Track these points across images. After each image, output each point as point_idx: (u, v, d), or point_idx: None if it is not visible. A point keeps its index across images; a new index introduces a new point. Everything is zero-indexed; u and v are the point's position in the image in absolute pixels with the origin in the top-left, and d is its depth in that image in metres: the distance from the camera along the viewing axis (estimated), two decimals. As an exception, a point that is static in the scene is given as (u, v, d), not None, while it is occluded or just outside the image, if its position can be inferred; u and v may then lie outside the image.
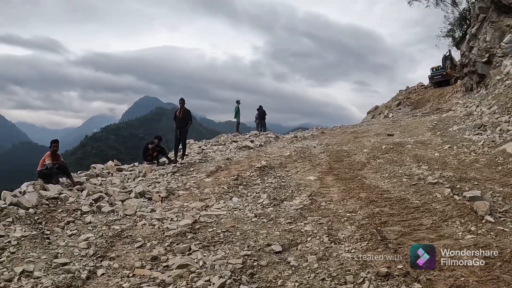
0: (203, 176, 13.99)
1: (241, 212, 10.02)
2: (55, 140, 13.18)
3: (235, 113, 30.46)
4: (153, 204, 10.87)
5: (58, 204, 10.18)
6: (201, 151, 19.81)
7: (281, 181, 12.93)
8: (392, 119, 32.35)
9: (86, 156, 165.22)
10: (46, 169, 12.57)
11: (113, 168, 15.80)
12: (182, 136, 17.06)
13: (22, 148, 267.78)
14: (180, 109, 16.96)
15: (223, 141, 23.69)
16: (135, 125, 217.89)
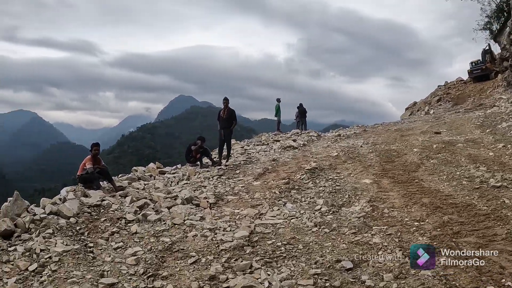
0: (250, 179, 13.22)
1: (298, 220, 9.16)
2: (96, 144, 12.55)
3: (276, 111, 29.65)
4: (202, 211, 10.11)
5: (100, 212, 9.51)
6: (244, 152, 19.06)
7: (335, 185, 12.05)
8: (434, 116, 31.15)
9: (122, 155, 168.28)
10: (86, 173, 11.95)
11: (155, 170, 15.13)
12: (227, 137, 16.33)
13: (60, 148, 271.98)
14: (224, 109, 16.20)
15: (265, 140, 22.91)
16: (170, 124, 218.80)
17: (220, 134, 16.28)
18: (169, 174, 14.93)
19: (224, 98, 16.20)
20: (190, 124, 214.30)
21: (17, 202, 9.29)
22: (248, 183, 12.85)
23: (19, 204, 9.26)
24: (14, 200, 9.29)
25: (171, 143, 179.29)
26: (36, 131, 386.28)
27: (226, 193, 11.77)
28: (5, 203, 9.45)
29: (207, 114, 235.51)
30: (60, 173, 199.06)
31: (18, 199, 9.32)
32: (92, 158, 12.22)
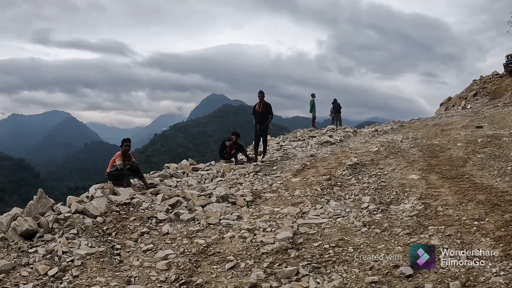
0: (289, 176, 12.42)
1: (345, 219, 8.30)
2: (127, 139, 11.91)
3: (311, 107, 28.91)
4: (238, 209, 9.31)
5: (130, 211, 8.83)
6: (280, 148, 18.28)
7: (380, 181, 11.19)
8: (471, 110, 29.95)
9: (155, 154, 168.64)
10: (116, 170, 11.32)
11: (188, 167, 14.48)
12: (263, 132, 15.44)
13: (93, 147, 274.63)
14: (260, 103, 15.34)
15: (301, 136, 22.14)
16: (203, 122, 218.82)
17: (256, 129, 15.43)
18: (203, 171, 14.27)
19: (259, 91, 15.39)
20: (222, 122, 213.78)
21: (41, 200, 8.69)
22: (286, 179, 12.06)
23: (43, 202, 8.66)
24: (38, 198, 8.70)
25: (203, 142, 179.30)
26: (69, 131, 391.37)
27: (264, 190, 10.98)
28: (30, 202, 8.89)
29: (239, 112, 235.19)
30: (94, 172, 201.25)
31: (43, 197, 8.72)
32: (122, 154, 11.61)
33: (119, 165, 11.32)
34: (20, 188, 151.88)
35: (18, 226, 7.60)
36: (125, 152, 11.68)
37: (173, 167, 14.47)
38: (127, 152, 11.76)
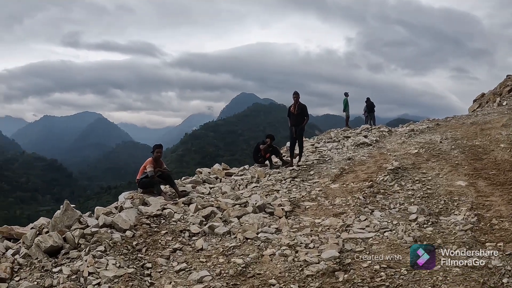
0: (327, 181, 11.77)
1: (393, 234, 7.60)
2: (159, 145, 11.39)
3: (344, 106, 28.34)
4: (277, 221, 8.69)
5: (161, 224, 8.30)
6: (315, 150, 17.62)
7: (426, 188, 10.50)
8: (508, 107, 28.84)
9: (186, 153, 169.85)
10: (146, 177, 10.81)
11: (221, 172, 13.91)
12: (299, 134, 14.73)
13: (125, 147, 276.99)
14: (295, 104, 14.64)
15: (335, 137, 21.45)
16: (233, 121, 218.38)
17: (291, 131, 14.72)
18: (237, 176, 13.69)
19: (294, 92, 14.69)
20: (252, 121, 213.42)
21: (68, 213, 8.21)
22: (325, 186, 11.43)
23: (69, 215, 8.19)
24: (64, 210, 8.22)
25: (234, 141, 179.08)
26: (101, 132, 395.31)
27: (303, 198, 10.34)
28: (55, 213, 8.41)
29: (269, 111, 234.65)
30: (125, 172, 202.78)
31: (69, 209, 8.23)
32: (153, 161, 11.10)
33: (149, 172, 10.83)
34: (53, 187, 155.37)
35: (42, 243, 7.14)
36: (156, 159, 11.19)
37: (206, 172, 13.93)
38: (158, 159, 11.26)
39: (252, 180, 12.73)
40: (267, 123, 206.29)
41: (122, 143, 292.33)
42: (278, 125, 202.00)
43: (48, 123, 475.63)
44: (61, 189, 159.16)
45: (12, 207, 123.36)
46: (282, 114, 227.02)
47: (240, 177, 13.30)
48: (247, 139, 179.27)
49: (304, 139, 19.82)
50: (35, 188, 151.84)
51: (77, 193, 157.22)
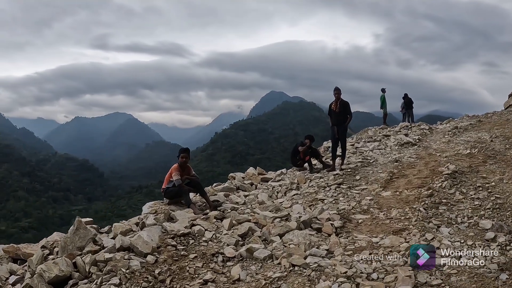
0: (377, 188, 10.41)
1: (472, 259, 6.17)
2: (184, 149, 10.13)
3: (381, 103, 26.80)
4: (326, 240, 7.36)
5: (189, 245, 7.03)
6: (356, 151, 16.23)
7: (494, 197, 9.08)
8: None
9: (216, 152, 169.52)
10: (173, 186, 9.57)
11: (256, 177, 12.62)
12: (341, 135, 13.33)
13: (155, 147, 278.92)
14: (336, 102, 13.25)
15: (374, 135, 20.04)
16: (263, 120, 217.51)
17: (333, 131, 13.31)
18: (274, 181, 12.39)
19: (335, 88, 13.29)
20: (282, 119, 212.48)
21: (80, 232, 7.00)
22: (376, 193, 10.08)
23: (82, 234, 6.98)
24: (75, 229, 6.98)
25: (264, 139, 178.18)
26: (131, 132, 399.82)
27: (353, 210, 8.99)
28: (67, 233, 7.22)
29: (299, 109, 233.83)
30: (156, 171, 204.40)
31: (81, 228, 7.01)
32: (179, 167, 9.84)
33: (176, 180, 9.62)
34: (84, 187, 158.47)
35: (46, 272, 5.93)
36: (182, 165, 9.95)
37: (239, 177, 12.68)
38: (185, 164, 10.03)
39: (291, 187, 11.44)
40: (297, 121, 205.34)
41: (153, 143, 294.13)
42: (308, 123, 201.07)
43: (79, 124, 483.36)
44: (93, 189, 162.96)
45: (45, 206, 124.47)
46: (312, 112, 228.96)
47: (278, 183, 12.01)
48: (277, 137, 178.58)
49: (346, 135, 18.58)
50: (67, 188, 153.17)
51: (108, 192, 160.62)
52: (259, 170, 13.35)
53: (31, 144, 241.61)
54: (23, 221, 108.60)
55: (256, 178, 12.58)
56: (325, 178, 11.86)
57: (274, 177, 12.79)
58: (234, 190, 11.42)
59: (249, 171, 13.16)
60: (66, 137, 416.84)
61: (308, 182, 11.73)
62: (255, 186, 12.10)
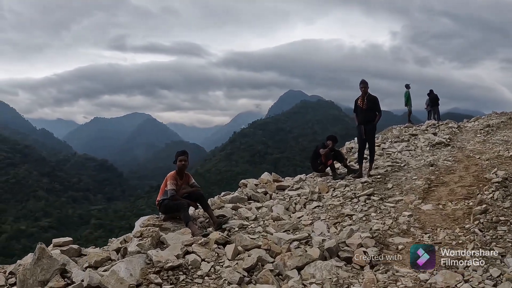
0: (415, 200, 8.74)
1: None
2: (182, 152, 8.42)
3: (406, 100, 25.08)
4: (359, 275, 5.69)
5: (179, 282, 5.39)
6: (383, 152, 14.60)
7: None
8: None
9: (235, 152, 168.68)
10: (169, 198, 7.94)
11: (271, 185, 10.96)
12: (369, 135, 11.47)
13: (174, 147, 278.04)
14: (363, 97, 11.44)
15: (400, 135, 18.38)
16: (281, 119, 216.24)
17: (360, 131, 11.42)
18: (291, 190, 10.65)
19: (361, 81, 11.49)
20: (301, 118, 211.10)
21: (42, 262, 5.45)
22: (414, 207, 8.40)
23: (45, 265, 5.43)
24: (36, 258, 5.42)
25: (282, 138, 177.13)
26: (150, 132, 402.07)
27: (390, 230, 7.26)
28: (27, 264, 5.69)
29: (317, 108, 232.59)
30: None
31: (44, 257, 5.44)
32: (176, 175, 8.21)
33: (170, 191, 7.98)
34: (104, 187, 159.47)
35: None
36: (180, 171, 8.28)
37: (251, 184, 11.02)
38: (183, 171, 8.34)
39: (312, 197, 9.72)
40: (315, 120, 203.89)
41: (172, 143, 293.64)
42: (326, 122, 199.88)
43: (98, 124, 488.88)
44: (112, 189, 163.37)
45: (64, 206, 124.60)
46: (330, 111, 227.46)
47: (296, 192, 10.29)
48: (296, 136, 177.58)
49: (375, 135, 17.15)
50: (87, 188, 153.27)
51: (127, 192, 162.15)
52: (274, 176, 11.65)
53: (51, 144, 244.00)
54: (43, 220, 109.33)
55: (271, 186, 10.90)
56: (351, 186, 10.12)
57: (291, 185, 11.03)
58: (245, 201, 9.76)
59: (263, 177, 11.51)
60: (86, 138, 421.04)
61: (331, 191, 10.03)
62: (269, 195, 10.42)
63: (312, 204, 9.33)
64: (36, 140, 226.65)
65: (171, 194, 7.93)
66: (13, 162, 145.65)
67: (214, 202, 9.29)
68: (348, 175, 11.52)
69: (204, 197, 8.23)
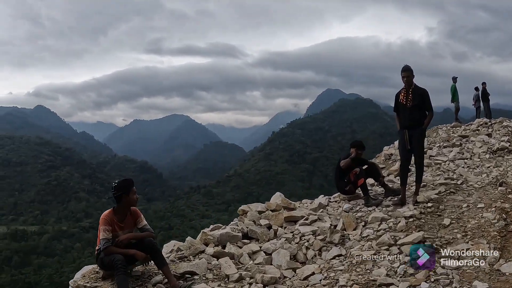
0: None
1: None
2: (130, 182, 5.50)
3: (452, 94, 21.62)
4: None
5: None
6: (431, 162, 11.54)
7: None
8: None
9: (274, 151, 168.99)
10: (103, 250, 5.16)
11: (277, 216, 7.84)
12: (416, 144, 8.05)
13: (213, 147, 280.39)
14: (407, 90, 8.10)
15: (448, 137, 15.18)
16: (320, 118, 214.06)
17: (403, 137, 8.07)
18: (305, 224, 7.45)
19: (403, 68, 8.07)
20: (339, 117, 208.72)
21: None
22: (490, 267, 5.33)
23: None
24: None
25: (321, 138, 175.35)
26: (189, 133, 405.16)
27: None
28: None
29: (356, 106, 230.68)
30: (214, 171, 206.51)
31: None
32: (114, 215, 5.44)
33: (102, 241, 5.25)
34: (144, 188, 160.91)
35: None
36: (123, 209, 5.45)
37: (253, 213, 7.98)
38: (126, 210, 5.49)
39: (332, 238, 6.63)
40: (353, 119, 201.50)
41: (210, 144, 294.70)
42: (365, 120, 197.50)
43: (137, 126, 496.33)
44: (152, 189, 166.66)
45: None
46: (369, 109, 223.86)
47: (311, 228, 7.21)
48: (335, 135, 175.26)
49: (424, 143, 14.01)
50: None
51: (167, 193, 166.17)
52: (283, 201, 8.44)
53: (91, 147, 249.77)
54: (84, 221, 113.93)
55: (277, 217, 7.78)
56: (390, 222, 6.92)
57: (306, 215, 7.81)
58: (239, 239, 6.85)
59: (271, 203, 8.44)
60: (125, 140, 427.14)
61: (360, 228, 6.97)
62: (274, 231, 7.38)
63: (331, 250, 6.32)
64: (77, 143, 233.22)
65: (104, 246, 5.13)
66: (54, 164, 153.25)
67: (191, 244, 6.42)
68: (386, 198, 8.46)
69: (158, 247, 5.33)
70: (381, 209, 7.73)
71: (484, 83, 22.82)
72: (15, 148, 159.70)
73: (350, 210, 8.02)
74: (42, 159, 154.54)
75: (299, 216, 7.83)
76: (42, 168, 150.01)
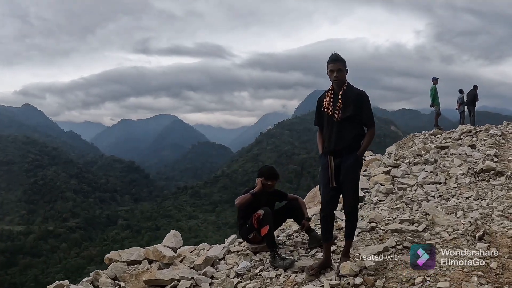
0: None
1: None
2: None
3: (432, 97, 19.37)
4: None
5: None
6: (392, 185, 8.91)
7: None
8: None
9: (261, 152, 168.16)
10: None
11: (139, 279, 4.97)
12: (346, 178, 5.01)
13: (201, 147, 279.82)
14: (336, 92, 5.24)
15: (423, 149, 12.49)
16: (308, 119, 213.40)
17: (327, 168, 5.06)
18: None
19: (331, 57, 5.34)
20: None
21: None
22: None
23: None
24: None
25: (309, 139, 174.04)
26: (177, 133, 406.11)
27: None
28: None
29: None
30: (202, 172, 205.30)
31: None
32: None
33: None
34: (131, 188, 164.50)
35: None
36: None
37: (120, 265, 5.18)
38: None
39: None
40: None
41: (198, 144, 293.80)
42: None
43: (125, 126, 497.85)
44: (139, 190, 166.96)
45: (92, 207, 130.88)
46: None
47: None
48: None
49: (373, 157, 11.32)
50: (114, 189, 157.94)
51: (154, 193, 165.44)
52: (155, 251, 5.41)
53: (79, 146, 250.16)
54: (71, 221, 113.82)
55: (138, 279, 4.91)
56: None
57: (177, 278, 4.71)
58: None
59: (149, 250, 5.48)
60: (113, 140, 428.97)
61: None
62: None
63: None
64: (64, 142, 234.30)
65: None
66: (41, 164, 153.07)
67: None
68: (310, 248, 5.78)
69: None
70: (290, 274, 4.93)
71: (476, 86, 20.88)
72: (2, 147, 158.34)
73: (244, 273, 5.21)
74: (29, 158, 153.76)
75: (167, 280, 4.96)
76: (29, 167, 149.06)
